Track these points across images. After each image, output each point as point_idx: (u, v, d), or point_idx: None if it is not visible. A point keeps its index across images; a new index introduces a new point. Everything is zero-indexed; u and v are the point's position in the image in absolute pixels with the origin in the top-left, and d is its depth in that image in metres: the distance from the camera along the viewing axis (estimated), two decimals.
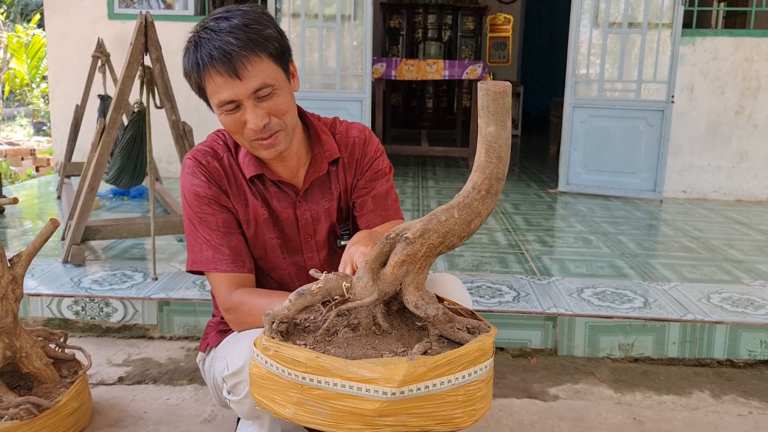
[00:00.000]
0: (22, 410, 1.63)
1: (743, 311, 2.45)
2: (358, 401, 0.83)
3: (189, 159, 1.41)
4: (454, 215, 0.97)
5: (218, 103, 1.26)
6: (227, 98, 1.24)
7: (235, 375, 1.32)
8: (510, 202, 4.61)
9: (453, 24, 9.81)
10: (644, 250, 3.35)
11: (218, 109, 1.27)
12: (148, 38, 2.55)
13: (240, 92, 1.23)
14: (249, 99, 1.24)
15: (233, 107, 1.26)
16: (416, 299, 0.97)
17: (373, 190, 1.48)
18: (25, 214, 3.98)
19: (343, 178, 1.48)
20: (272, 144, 1.31)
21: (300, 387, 0.85)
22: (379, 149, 1.51)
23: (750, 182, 5.02)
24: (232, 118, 1.27)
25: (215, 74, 1.23)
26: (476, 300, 2.50)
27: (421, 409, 0.85)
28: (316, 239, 1.48)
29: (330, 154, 1.44)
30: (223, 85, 1.23)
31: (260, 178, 1.42)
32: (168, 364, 2.25)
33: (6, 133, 9.99)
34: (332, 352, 0.90)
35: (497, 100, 0.93)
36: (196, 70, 1.25)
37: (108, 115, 2.63)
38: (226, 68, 1.21)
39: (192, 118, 4.53)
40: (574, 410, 2.01)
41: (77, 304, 2.46)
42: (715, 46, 4.88)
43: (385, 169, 1.50)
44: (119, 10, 5.22)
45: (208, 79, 1.24)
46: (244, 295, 1.35)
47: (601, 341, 2.38)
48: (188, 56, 1.27)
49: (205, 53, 1.23)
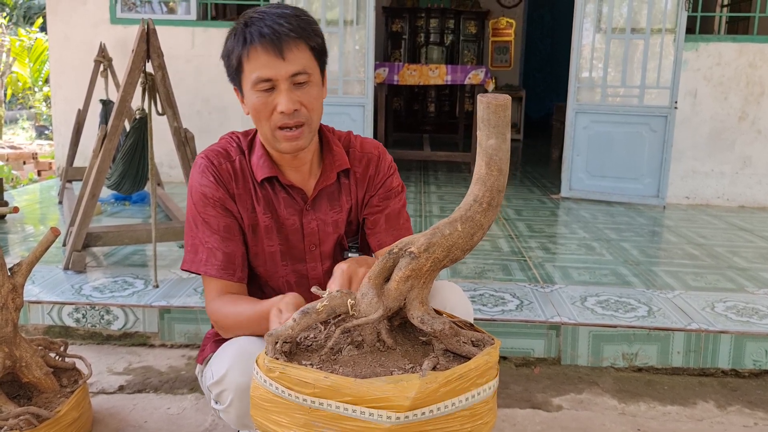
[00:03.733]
0: (22, 421, 1.62)
1: (748, 320, 2.43)
2: (369, 421, 0.82)
3: (202, 158, 1.41)
4: (458, 228, 0.96)
5: (256, 79, 1.28)
6: (266, 76, 1.27)
7: (218, 384, 1.32)
8: (512, 208, 4.60)
9: (455, 28, 9.80)
10: (647, 258, 3.33)
11: (253, 88, 1.29)
12: (150, 45, 2.54)
13: (280, 72, 1.26)
14: (286, 81, 1.27)
15: (268, 86, 1.28)
16: (422, 314, 0.96)
17: (386, 209, 1.48)
18: (27, 219, 3.97)
19: (355, 192, 1.48)
20: (295, 137, 1.32)
21: (307, 409, 0.84)
22: (392, 167, 1.52)
23: (753, 188, 5.00)
24: (264, 99, 1.29)
25: (261, 51, 1.26)
26: (479, 308, 2.48)
27: (432, 426, 0.84)
28: (321, 249, 1.48)
29: (340, 164, 1.45)
30: (266, 63, 1.26)
31: (270, 183, 1.42)
32: (169, 372, 2.24)
33: (8, 136, 10.00)
34: (340, 371, 0.89)
35: (498, 113, 0.93)
36: (242, 45, 1.28)
37: (109, 122, 2.62)
38: (273, 46, 1.25)
39: (194, 125, 4.53)
40: (577, 421, 1.99)
41: (78, 311, 2.44)
42: (718, 52, 4.87)
43: (398, 187, 1.51)
44: (121, 14, 5.22)
45: (253, 54, 1.27)
46: (219, 303, 1.37)
47: (604, 350, 2.36)
48: (235, 34, 1.30)
49: (255, 30, 1.26)
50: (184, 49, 5.17)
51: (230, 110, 5.26)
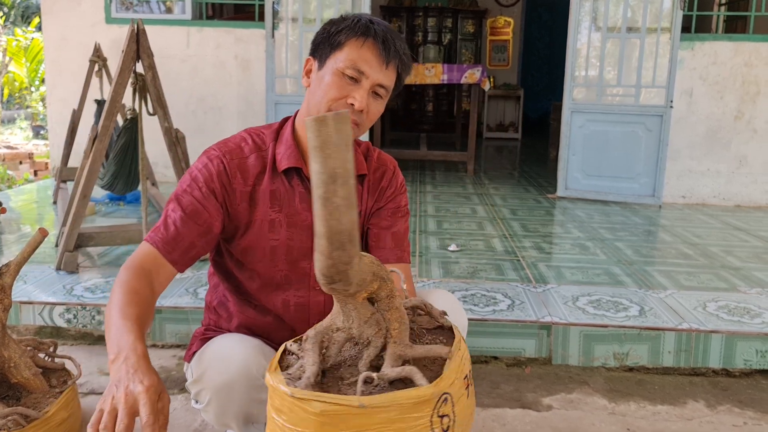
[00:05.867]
0: (10, 421, 1.61)
1: (739, 320, 2.43)
2: None
3: (215, 151, 1.39)
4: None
5: (351, 65, 1.31)
6: (362, 69, 1.32)
7: (196, 383, 1.32)
8: (508, 207, 4.60)
9: (453, 27, 9.80)
10: (641, 257, 3.33)
11: (342, 69, 1.32)
12: (140, 45, 2.54)
13: (375, 75, 1.33)
14: (371, 84, 1.33)
15: (356, 77, 1.32)
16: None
17: (393, 227, 1.50)
18: (22, 219, 3.97)
19: (366, 200, 1.49)
20: None
21: None
22: (404, 187, 1.55)
23: (749, 187, 4.99)
24: (342, 83, 1.32)
25: (373, 48, 1.32)
26: (470, 308, 2.48)
27: None
28: None
29: (358, 168, 1.46)
30: (370, 60, 1.32)
31: (289, 175, 1.41)
32: (159, 372, 2.22)
33: (5, 136, 10.00)
34: None
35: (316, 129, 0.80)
36: (361, 32, 1.32)
37: (100, 122, 2.62)
38: (385, 53, 1.32)
39: (188, 125, 4.53)
40: (567, 420, 1.99)
41: (69, 312, 2.44)
42: (714, 51, 4.86)
43: (405, 207, 1.54)
44: (117, 14, 5.21)
45: (366, 45, 1.32)
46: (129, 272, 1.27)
47: (595, 350, 2.36)
48: (357, 21, 1.34)
49: (379, 30, 1.33)
50: (179, 48, 5.17)
51: (225, 110, 5.26)
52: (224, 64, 5.21)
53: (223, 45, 5.19)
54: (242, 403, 1.31)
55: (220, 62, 5.21)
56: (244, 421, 1.41)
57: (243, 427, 1.47)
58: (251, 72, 5.20)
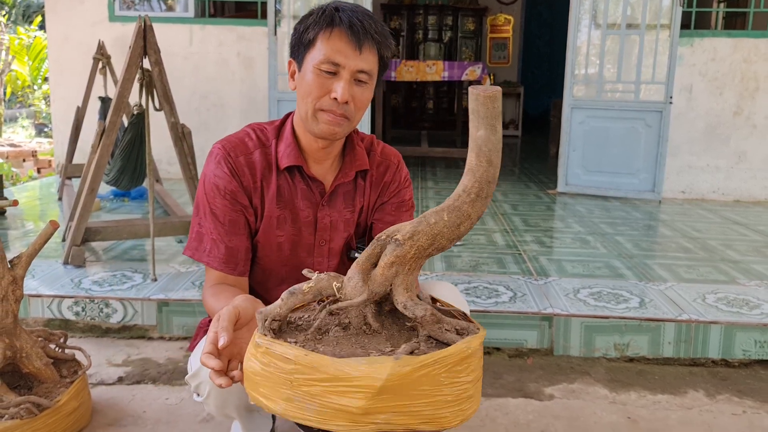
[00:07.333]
0: (22, 410, 1.65)
1: (738, 311, 2.46)
2: (344, 398, 0.85)
3: (219, 148, 1.40)
4: (444, 218, 0.99)
5: (324, 59, 1.28)
6: (337, 61, 1.28)
7: (195, 376, 1.34)
8: (509, 203, 4.63)
9: (453, 25, 9.82)
10: (641, 251, 3.37)
11: (318, 66, 1.29)
12: (147, 41, 2.57)
13: (351, 64, 1.29)
14: (350, 73, 1.30)
15: (333, 70, 1.29)
16: (405, 300, 0.99)
17: (398, 221, 1.48)
18: (27, 215, 4.00)
19: (369, 195, 1.49)
20: (337, 122, 1.32)
21: (290, 383, 0.87)
22: (408, 180, 1.54)
23: (748, 182, 5.03)
24: (321, 80, 1.30)
25: (342, 36, 1.28)
26: (473, 300, 2.52)
27: (407, 408, 0.86)
28: (330, 246, 1.49)
29: (360, 164, 1.46)
30: (341, 50, 1.28)
31: (291, 172, 1.42)
32: (167, 364, 2.27)
33: (8, 134, 10.03)
34: (321, 350, 0.92)
35: (487, 104, 0.95)
36: (326, 23, 1.29)
37: (107, 117, 2.65)
38: (355, 38, 1.28)
39: (192, 121, 4.56)
40: (569, 410, 2.03)
41: (77, 304, 2.48)
42: (713, 47, 4.89)
43: (410, 201, 1.53)
44: (120, 12, 5.25)
45: (333, 36, 1.28)
46: (210, 292, 1.39)
47: (596, 341, 2.40)
48: (323, 12, 1.31)
49: (345, 17, 1.29)
50: (182, 46, 5.20)
51: (228, 107, 5.29)
52: (227, 62, 5.24)
53: (225, 43, 5.22)
54: (242, 394, 1.34)
55: (222, 60, 5.24)
56: (246, 410, 1.45)
57: (245, 416, 1.50)
58: (254, 69, 5.23)
